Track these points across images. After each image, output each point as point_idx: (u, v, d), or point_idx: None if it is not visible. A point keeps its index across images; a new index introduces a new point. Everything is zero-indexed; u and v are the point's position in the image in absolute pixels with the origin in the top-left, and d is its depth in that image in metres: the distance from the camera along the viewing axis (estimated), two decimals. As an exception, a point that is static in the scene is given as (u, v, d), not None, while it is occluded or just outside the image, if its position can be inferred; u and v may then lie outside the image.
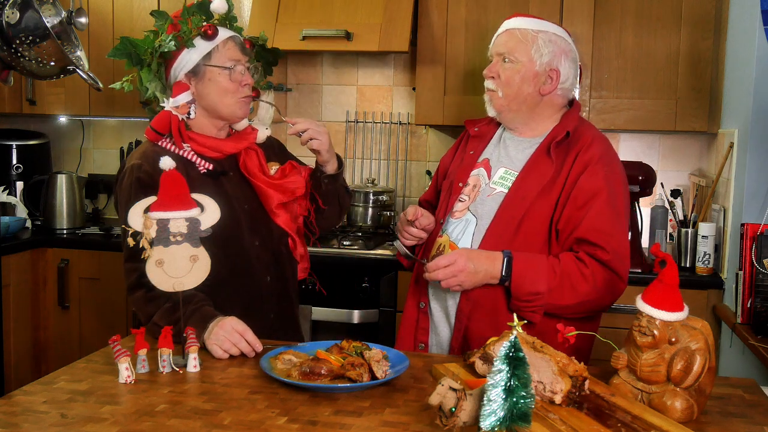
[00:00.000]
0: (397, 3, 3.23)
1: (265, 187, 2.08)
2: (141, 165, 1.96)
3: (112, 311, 3.49)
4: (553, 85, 2.01)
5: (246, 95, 2.04)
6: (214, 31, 2.00)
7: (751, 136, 2.64)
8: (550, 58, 1.99)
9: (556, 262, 1.88)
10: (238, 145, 2.08)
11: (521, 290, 1.87)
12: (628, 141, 3.50)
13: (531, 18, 2.04)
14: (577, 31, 3.14)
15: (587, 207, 1.89)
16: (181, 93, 2.01)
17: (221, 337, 1.77)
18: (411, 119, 3.71)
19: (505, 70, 2.01)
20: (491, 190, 2.01)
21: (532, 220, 1.93)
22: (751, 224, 2.48)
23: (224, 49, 2.01)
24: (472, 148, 2.14)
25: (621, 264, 1.90)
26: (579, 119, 2.06)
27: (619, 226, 1.93)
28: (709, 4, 3.06)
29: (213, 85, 2.01)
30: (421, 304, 2.09)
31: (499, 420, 1.12)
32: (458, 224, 2.03)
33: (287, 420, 1.42)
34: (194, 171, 2.01)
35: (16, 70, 2.51)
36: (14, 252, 3.35)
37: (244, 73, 2.03)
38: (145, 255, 1.69)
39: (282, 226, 2.11)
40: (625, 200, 1.99)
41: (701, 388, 1.47)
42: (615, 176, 1.96)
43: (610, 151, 2.01)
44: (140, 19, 3.62)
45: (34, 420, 1.41)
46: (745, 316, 2.48)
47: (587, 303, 1.90)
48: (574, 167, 1.94)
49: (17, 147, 3.86)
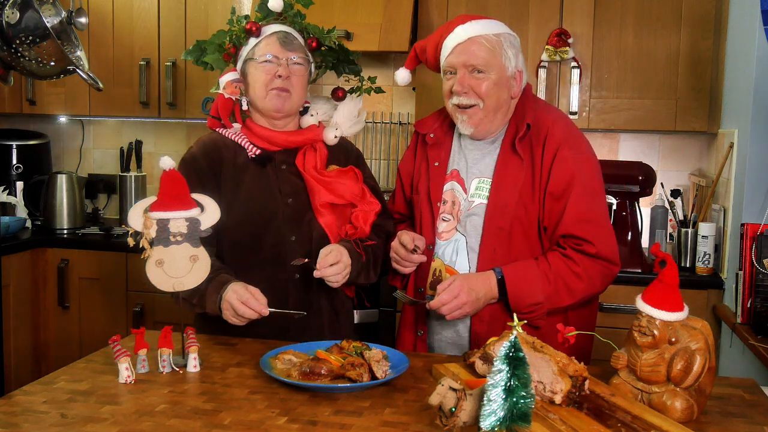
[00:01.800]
0: (397, 3, 3.23)
1: (313, 181, 2.05)
2: (191, 148, 2.10)
3: (112, 311, 3.49)
4: (519, 86, 1.98)
5: (276, 86, 2.02)
6: (256, 28, 2.04)
7: (751, 136, 2.64)
8: (515, 60, 1.95)
9: (548, 268, 1.87)
10: (291, 138, 2.08)
11: (521, 304, 1.87)
12: (628, 141, 3.50)
13: (480, 19, 1.96)
14: (577, 31, 3.14)
15: (564, 198, 1.88)
16: (227, 74, 2.09)
17: (230, 309, 1.83)
18: (411, 119, 3.71)
19: (478, 82, 1.92)
20: (470, 204, 1.98)
21: (521, 225, 1.92)
22: (751, 224, 2.48)
23: (264, 44, 2.03)
24: (435, 159, 2.07)
25: (610, 251, 1.90)
26: (533, 103, 2.01)
27: (599, 210, 1.93)
28: (709, 4, 3.06)
29: (250, 78, 2.05)
30: (420, 332, 2.06)
31: (499, 420, 1.12)
32: (448, 246, 2.00)
33: (287, 420, 1.42)
34: (242, 155, 2.05)
35: (16, 70, 2.51)
36: (14, 252, 3.35)
37: (279, 65, 2.01)
38: (145, 255, 1.69)
39: (324, 226, 2.04)
40: (597, 178, 1.96)
41: (701, 388, 1.47)
42: (584, 156, 1.94)
43: (572, 130, 1.97)
44: (140, 19, 3.62)
45: (34, 420, 1.41)
46: (745, 316, 2.48)
47: (584, 298, 1.92)
48: (545, 157, 1.90)
49: (17, 147, 3.86)
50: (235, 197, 2.02)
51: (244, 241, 2.02)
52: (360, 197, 2.08)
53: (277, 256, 2.02)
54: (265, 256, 2.01)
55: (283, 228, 2.03)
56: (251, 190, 2.03)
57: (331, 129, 2.14)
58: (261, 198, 2.03)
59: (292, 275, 2.03)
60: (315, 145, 2.10)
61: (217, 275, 1.88)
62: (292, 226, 2.04)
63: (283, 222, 2.03)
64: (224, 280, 1.87)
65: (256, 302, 1.80)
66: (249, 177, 2.04)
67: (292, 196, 2.06)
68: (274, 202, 2.04)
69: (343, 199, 2.06)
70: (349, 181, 2.08)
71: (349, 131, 2.18)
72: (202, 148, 2.09)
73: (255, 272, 1.98)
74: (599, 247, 1.87)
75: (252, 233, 2.01)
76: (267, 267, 1.99)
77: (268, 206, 2.03)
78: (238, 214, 2.00)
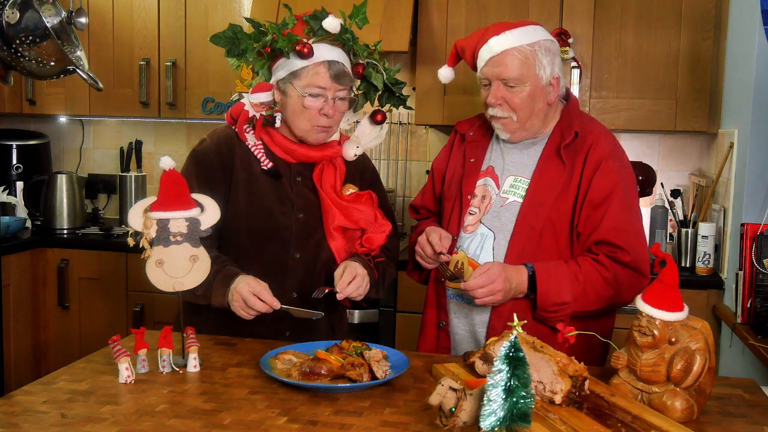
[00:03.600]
0: (397, 3, 3.23)
1: (331, 204, 2.01)
2: (204, 140, 2.05)
3: (112, 311, 3.49)
4: (556, 92, 1.98)
5: (322, 125, 1.95)
6: (309, 51, 1.90)
7: (751, 136, 2.64)
8: (551, 68, 1.94)
9: (578, 270, 1.86)
10: (311, 153, 2.01)
11: (547, 302, 1.86)
12: (628, 141, 3.49)
13: (516, 28, 1.94)
14: (577, 31, 3.14)
15: (605, 206, 1.89)
16: (261, 92, 1.97)
17: (240, 301, 1.82)
18: (411, 119, 3.70)
19: (512, 95, 1.92)
20: (503, 200, 1.97)
21: (553, 227, 1.92)
22: (751, 224, 2.48)
23: (313, 72, 1.92)
24: (472, 155, 2.08)
25: (643, 262, 1.89)
26: (579, 114, 2.03)
27: (636, 223, 1.94)
28: (709, 4, 3.06)
29: (291, 103, 1.96)
30: (441, 323, 2.05)
31: (499, 420, 1.12)
32: (473, 239, 1.99)
33: (287, 420, 1.42)
34: (258, 166, 2.00)
35: (16, 70, 2.51)
36: (14, 252, 3.35)
37: (326, 102, 1.93)
38: (145, 255, 1.69)
39: (333, 250, 2.02)
40: (636, 194, 2.00)
41: (701, 388, 1.47)
42: (627, 171, 1.96)
43: (617, 145, 1.99)
44: (140, 19, 3.62)
45: (34, 420, 1.41)
46: (745, 316, 2.48)
47: (611, 305, 1.92)
48: (586, 166, 1.92)
49: (17, 147, 3.86)
50: (247, 201, 1.99)
51: (246, 250, 1.99)
52: (372, 222, 2.06)
53: (278, 271, 1.99)
54: (265, 270, 1.96)
55: (289, 243, 2.01)
56: (265, 199, 2.00)
57: (352, 146, 2.08)
58: (273, 208, 1.99)
59: (289, 292, 2.00)
60: (334, 162, 2.05)
61: (223, 267, 1.88)
62: (299, 243, 2.01)
63: (291, 237, 2.01)
64: (232, 272, 1.87)
65: (269, 295, 1.81)
66: (264, 184, 1.99)
67: (304, 211, 2.02)
68: (285, 216, 2.00)
69: (357, 225, 2.05)
70: (364, 206, 2.05)
71: (369, 145, 2.13)
72: (215, 142, 2.02)
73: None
74: (633, 256, 1.87)
75: (256, 243, 1.99)
76: (264, 280, 1.87)
77: (279, 218, 1.99)
78: (247, 220, 1.98)
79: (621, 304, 1.96)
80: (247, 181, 2.00)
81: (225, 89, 3.52)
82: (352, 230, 2.05)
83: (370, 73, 2.03)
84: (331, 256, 2.03)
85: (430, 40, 3.30)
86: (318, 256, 2.03)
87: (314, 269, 2.03)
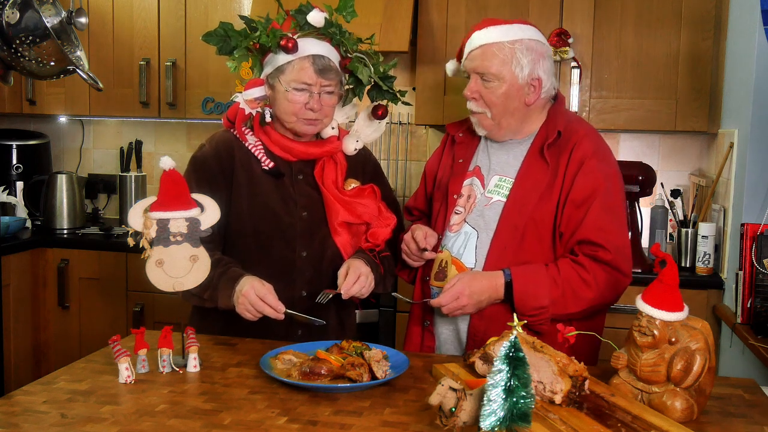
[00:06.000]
0: (397, 3, 3.22)
1: (333, 200, 2.01)
2: (203, 146, 2.05)
3: (112, 311, 3.49)
4: (537, 94, 1.96)
5: (309, 118, 1.95)
6: (293, 45, 1.90)
7: (751, 136, 2.63)
8: (530, 68, 1.92)
9: (557, 272, 1.86)
10: (310, 149, 2.02)
11: (525, 306, 1.86)
12: (628, 141, 3.50)
13: (502, 25, 1.95)
14: (577, 31, 3.14)
15: (586, 206, 1.88)
16: (253, 87, 2.00)
17: (247, 304, 1.82)
18: (411, 119, 3.70)
19: (487, 91, 1.93)
20: (487, 200, 1.98)
21: (536, 227, 1.91)
22: (751, 224, 2.47)
23: (298, 67, 1.92)
24: (460, 156, 2.08)
25: (624, 261, 1.89)
26: (565, 114, 2.02)
27: (619, 222, 1.93)
28: (709, 4, 3.06)
29: (279, 98, 1.97)
30: (426, 323, 2.06)
31: (499, 420, 1.12)
32: (457, 238, 2.00)
33: (287, 420, 1.42)
34: (259, 167, 2.00)
35: (16, 70, 2.51)
36: (14, 252, 3.35)
37: (311, 97, 1.93)
38: (145, 255, 1.69)
39: (339, 246, 2.02)
40: (621, 194, 1.98)
41: (701, 388, 1.47)
42: (610, 170, 1.95)
43: (602, 145, 1.98)
44: (140, 19, 3.62)
45: (34, 420, 1.41)
46: (745, 316, 2.48)
47: (592, 307, 1.90)
48: (569, 166, 1.91)
49: (17, 147, 3.86)
50: (249, 203, 1.99)
51: (252, 252, 1.99)
52: (376, 215, 2.06)
53: (286, 271, 1.99)
54: (273, 270, 1.96)
55: (295, 242, 2.00)
56: (268, 200, 1.99)
57: (352, 140, 2.09)
58: (277, 208, 1.99)
59: (298, 291, 2.00)
60: (335, 157, 2.06)
61: (228, 269, 1.88)
62: (305, 241, 2.01)
63: (296, 236, 2.00)
64: (237, 273, 1.87)
65: (274, 299, 1.82)
66: (266, 184, 1.99)
67: (307, 209, 2.02)
68: (290, 215, 2.00)
69: (361, 219, 2.05)
70: (367, 200, 2.05)
71: (368, 138, 2.13)
72: (215, 147, 2.02)
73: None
74: (614, 254, 1.86)
75: (262, 244, 1.99)
76: (272, 281, 1.88)
77: (283, 218, 1.99)
78: (251, 221, 1.98)
79: (604, 306, 1.95)
80: (249, 183, 2.00)
81: (225, 89, 3.52)
82: (357, 225, 2.05)
83: (356, 67, 2.00)
84: (338, 253, 2.03)
85: (430, 40, 3.30)
86: (324, 254, 2.03)
87: (321, 266, 2.03)
